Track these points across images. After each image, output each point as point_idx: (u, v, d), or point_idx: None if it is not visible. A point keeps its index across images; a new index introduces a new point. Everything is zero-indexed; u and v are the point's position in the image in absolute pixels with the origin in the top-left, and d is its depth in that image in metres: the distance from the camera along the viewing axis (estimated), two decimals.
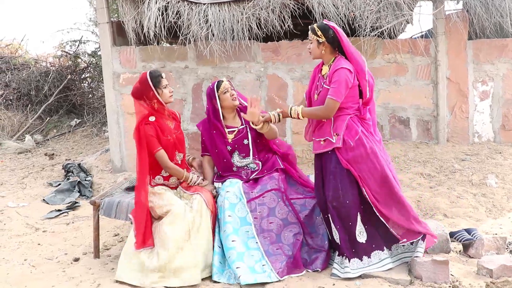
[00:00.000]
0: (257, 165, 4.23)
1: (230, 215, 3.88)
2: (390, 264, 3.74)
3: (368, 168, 3.66)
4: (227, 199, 3.94)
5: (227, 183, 4.08)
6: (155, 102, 3.93)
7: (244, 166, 4.23)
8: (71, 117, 10.86)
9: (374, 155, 3.68)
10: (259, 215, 3.93)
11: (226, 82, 4.22)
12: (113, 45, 6.81)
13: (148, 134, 3.86)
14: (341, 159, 3.68)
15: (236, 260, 3.70)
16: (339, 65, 3.67)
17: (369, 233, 3.75)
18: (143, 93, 3.91)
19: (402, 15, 6.29)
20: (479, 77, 6.94)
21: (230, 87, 4.22)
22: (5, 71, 10.96)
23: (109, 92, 6.83)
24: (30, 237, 4.99)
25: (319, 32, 3.72)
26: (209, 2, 6.33)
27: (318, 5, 6.19)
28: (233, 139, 4.22)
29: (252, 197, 3.98)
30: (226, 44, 6.41)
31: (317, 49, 3.77)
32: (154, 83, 3.89)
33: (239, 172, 4.21)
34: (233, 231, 3.83)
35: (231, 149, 4.22)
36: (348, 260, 3.68)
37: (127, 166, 6.79)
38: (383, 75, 6.84)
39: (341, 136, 3.67)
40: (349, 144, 3.66)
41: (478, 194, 5.46)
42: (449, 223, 4.77)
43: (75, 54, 11.63)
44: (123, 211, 4.11)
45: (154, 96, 3.90)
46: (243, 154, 4.23)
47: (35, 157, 8.57)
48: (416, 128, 6.94)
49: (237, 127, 4.26)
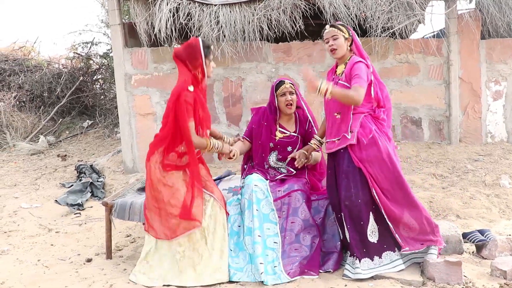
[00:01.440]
0: (288, 172, 4.19)
1: (258, 209, 3.86)
2: (402, 265, 3.72)
3: (380, 167, 3.64)
4: (255, 193, 3.90)
5: (254, 177, 4.01)
6: (199, 71, 3.72)
7: (276, 167, 4.20)
8: (83, 118, 10.93)
9: (387, 154, 3.66)
10: (283, 214, 3.92)
11: (287, 85, 4.15)
12: (125, 46, 6.85)
13: (188, 101, 3.62)
14: (353, 158, 3.67)
15: (260, 255, 3.70)
16: (356, 59, 3.70)
17: (381, 233, 3.73)
18: (190, 58, 3.69)
19: (414, 15, 6.27)
20: (492, 76, 6.88)
21: (290, 90, 4.14)
22: (18, 73, 11.05)
23: (121, 94, 6.86)
24: (43, 237, 5.03)
25: (343, 29, 3.75)
26: (220, 3, 6.35)
27: (329, 5, 6.19)
28: (280, 138, 4.21)
29: (279, 196, 3.96)
30: (237, 45, 6.42)
31: (344, 45, 3.76)
32: (205, 53, 3.70)
33: (268, 171, 4.19)
34: (259, 226, 3.81)
35: (273, 146, 4.21)
36: (359, 260, 3.65)
37: (139, 167, 6.82)
38: (394, 75, 6.81)
39: (355, 133, 3.67)
40: (363, 142, 3.65)
41: (491, 194, 5.41)
42: (462, 224, 4.74)
43: (87, 55, 11.72)
44: (136, 213, 4.12)
45: (201, 65, 3.70)
46: (280, 157, 4.21)
47: (47, 158, 8.63)
48: (428, 128, 6.91)
49: (289, 131, 4.25)
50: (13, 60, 11.46)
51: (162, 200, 3.72)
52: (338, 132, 3.77)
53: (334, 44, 3.76)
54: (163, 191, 3.73)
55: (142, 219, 4.08)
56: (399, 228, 3.67)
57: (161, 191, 3.73)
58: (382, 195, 3.64)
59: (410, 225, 3.66)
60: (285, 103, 4.14)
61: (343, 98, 3.62)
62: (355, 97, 3.55)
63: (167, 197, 3.71)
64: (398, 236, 3.67)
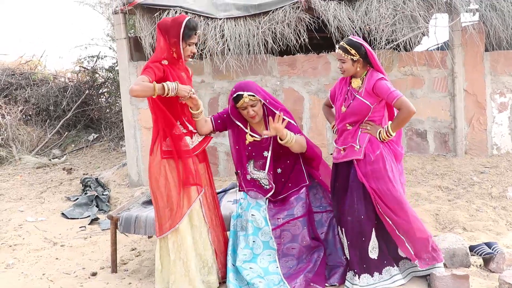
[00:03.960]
0: (270, 184, 3.85)
1: (255, 240, 3.75)
2: (402, 280, 3.70)
3: (385, 183, 3.63)
4: (252, 223, 3.76)
5: (252, 203, 3.83)
6: (174, 50, 3.57)
7: (256, 179, 3.89)
8: (88, 131, 10.97)
9: (392, 173, 3.66)
10: (282, 241, 3.82)
11: (245, 99, 3.71)
12: (130, 60, 6.89)
13: (151, 67, 3.44)
14: (358, 173, 3.66)
15: (256, 277, 3.64)
16: (376, 76, 3.65)
17: (381, 249, 3.72)
18: (169, 33, 3.53)
19: (418, 28, 6.28)
20: (497, 88, 6.87)
21: (251, 104, 3.73)
22: (25, 87, 11.12)
23: (126, 107, 6.90)
24: (48, 251, 5.03)
25: (352, 51, 3.65)
26: (225, 17, 6.39)
27: (333, 18, 6.21)
28: (251, 142, 3.87)
29: (278, 224, 3.82)
30: (242, 58, 6.45)
31: (352, 68, 3.70)
32: (184, 34, 3.50)
33: (254, 184, 3.88)
34: (252, 258, 3.73)
35: (248, 154, 3.89)
36: (358, 276, 3.63)
37: (144, 180, 6.82)
38: (399, 88, 6.72)
39: (362, 148, 3.66)
40: (369, 158, 3.64)
41: (498, 207, 5.38)
42: (468, 237, 4.71)
43: (93, 69, 11.79)
44: (142, 226, 4.11)
45: (177, 44, 3.53)
46: (259, 167, 3.88)
47: (53, 171, 8.65)
48: (434, 140, 6.89)
49: (260, 136, 3.86)
50: (19, 74, 11.54)
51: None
52: (346, 140, 3.77)
53: (341, 66, 3.74)
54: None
55: (147, 233, 4.08)
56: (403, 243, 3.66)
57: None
58: (388, 210, 3.62)
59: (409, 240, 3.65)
60: (248, 117, 3.81)
61: (402, 122, 3.62)
62: (408, 113, 3.54)
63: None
64: (404, 250, 3.66)
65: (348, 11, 6.33)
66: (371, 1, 6.33)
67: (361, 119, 3.72)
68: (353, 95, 3.74)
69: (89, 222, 5.95)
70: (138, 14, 6.59)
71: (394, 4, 6.30)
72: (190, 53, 3.63)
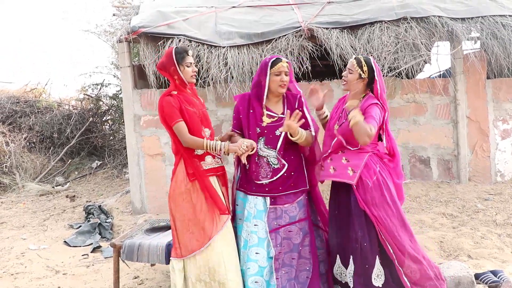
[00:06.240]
0: (279, 163, 3.75)
1: (258, 252, 3.69)
2: None
3: (385, 210, 3.60)
4: (255, 234, 3.69)
5: (253, 211, 3.73)
6: (176, 78, 3.77)
7: (265, 156, 3.75)
8: (92, 159, 11.00)
9: (391, 198, 3.63)
10: (283, 249, 3.75)
11: (283, 64, 3.71)
12: (134, 88, 6.95)
13: (171, 104, 3.68)
14: (359, 199, 3.62)
15: None
16: (372, 100, 3.64)
17: (387, 277, 3.66)
18: (166, 67, 3.77)
19: (420, 56, 6.34)
20: (500, 115, 6.90)
21: (286, 71, 3.72)
22: (29, 115, 11.19)
23: (130, 134, 6.92)
24: (50, 280, 5.00)
25: (364, 68, 3.66)
26: (228, 45, 6.45)
27: (336, 46, 6.27)
28: (268, 123, 3.77)
29: (277, 226, 3.73)
30: (245, 86, 6.48)
31: (355, 82, 3.69)
32: (177, 59, 3.72)
33: (259, 167, 3.77)
34: (257, 271, 3.68)
35: (259, 132, 3.76)
36: None
37: (147, 207, 6.81)
38: (402, 115, 6.84)
39: (357, 173, 3.62)
40: (367, 184, 3.60)
41: (503, 234, 5.35)
42: (473, 265, 4.66)
43: (97, 97, 11.88)
44: (145, 254, 4.08)
45: (176, 71, 3.74)
46: (270, 145, 3.75)
47: (56, 199, 8.64)
48: (437, 167, 6.89)
49: (277, 114, 3.80)
50: (24, 102, 11.62)
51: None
52: (336, 149, 3.73)
53: (346, 76, 3.75)
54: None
55: (150, 260, 4.05)
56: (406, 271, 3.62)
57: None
58: (389, 237, 3.59)
59: (412, 268, 3.61)
60: (278, 84, 3.72)
61: (360, 127, 3.41)
62: (362, 134, 3.41)
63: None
64: (407, 279, 3.61)
65: (351, 39, 6.40)
66: (373, 29, 6.40)
67: (351, 140, 3.64)
68: (345, 115, 3.72)
69: (91, 250, 5.92)
70: (142, 42, 6.67)
71: (396, 32, 6.37)
72: (192, 73, 3.81)
